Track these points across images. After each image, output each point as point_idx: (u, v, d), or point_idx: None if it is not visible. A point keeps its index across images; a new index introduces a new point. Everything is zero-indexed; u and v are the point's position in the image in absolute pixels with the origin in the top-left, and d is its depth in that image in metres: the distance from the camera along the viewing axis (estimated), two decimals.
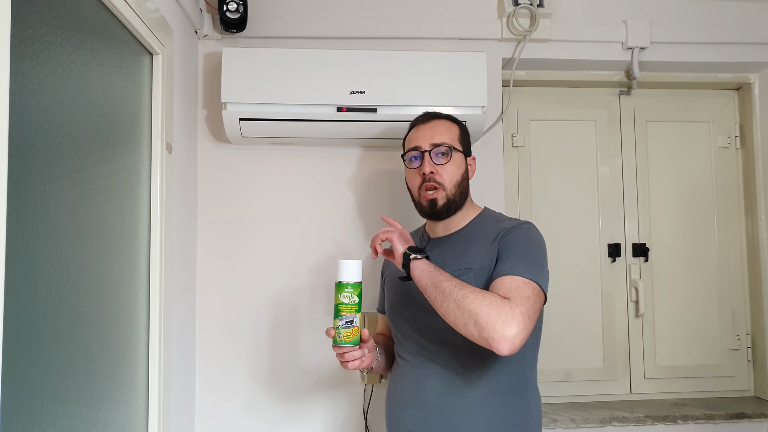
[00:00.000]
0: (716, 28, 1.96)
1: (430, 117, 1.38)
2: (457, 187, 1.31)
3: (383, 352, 1.43)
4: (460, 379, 1.24)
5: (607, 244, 2.07)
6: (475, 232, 1.32)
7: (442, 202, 1.30)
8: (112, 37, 1.20)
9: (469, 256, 1.27)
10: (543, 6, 1.84)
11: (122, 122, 1.25)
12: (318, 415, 1.78)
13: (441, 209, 1.31)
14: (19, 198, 0.83)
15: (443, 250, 1.33)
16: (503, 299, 1.09)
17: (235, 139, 1.71)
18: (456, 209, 1.33)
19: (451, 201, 1.31)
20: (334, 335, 1.22)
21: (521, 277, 1.15)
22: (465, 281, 1.21)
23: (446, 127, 1.35)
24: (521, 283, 1.14)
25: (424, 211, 1.34)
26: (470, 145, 1.41)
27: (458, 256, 1.29)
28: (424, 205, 1.33)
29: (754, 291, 2.10)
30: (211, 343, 1.76)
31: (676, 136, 2.12)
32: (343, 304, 1.20)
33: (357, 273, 1.22)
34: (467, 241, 1.31)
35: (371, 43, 1.83)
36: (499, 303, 1.08)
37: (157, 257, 1.39)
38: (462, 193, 1.33)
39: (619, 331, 2.05)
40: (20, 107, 0.83)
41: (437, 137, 1.32)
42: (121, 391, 1.23)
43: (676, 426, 1.84)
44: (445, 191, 1.30)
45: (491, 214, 1.37)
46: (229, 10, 1.67)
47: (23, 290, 0.84)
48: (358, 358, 1.25)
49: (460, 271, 1.24)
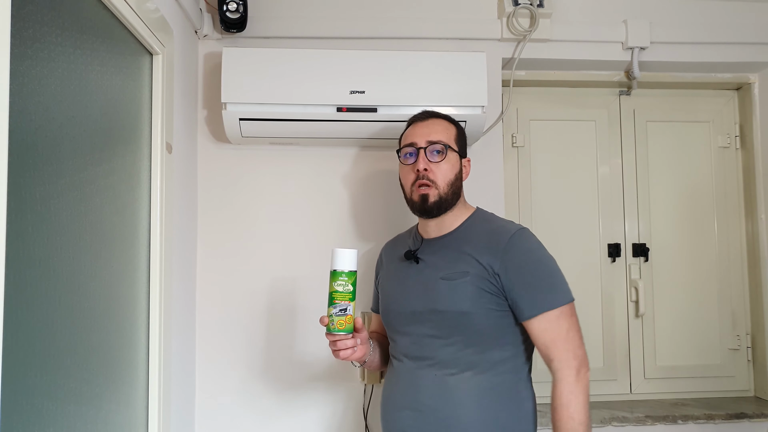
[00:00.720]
0: (716, 28, 1.96)
1: (427, 115, 1.39)
2: (449, 186, 1.32)
3: (377, 347, 1.43)
4: (453, 379, 1.25)
5: (607, 244, 2.07)
6: (468, 234, 1.33)
7: (434, 199, 1.31)
8: (112, 37, 1.20)
9: (464, 261, 1.28)
10: (543, 6, 1.84)
11: (122, 122, 1.25)
12: (318, 416, 1.78)
13: (432, 206, 1.31)
14: (19, 198, 0.82)
15: (437, 251, 1.34)
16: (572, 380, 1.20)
17: (235, 139, 1.71)
18: (447, 208, 1.33)
19: (443, 199, 1.31)
20: (327, 323, 1.22)
21: (551, 312, 1.21)
22: (461, 284, 1.25)
23: (443, 126, 1.36)
24: (555, 319, 1.21)
25: (416, 207, 1.34)
26: (466, 146, 1.42)
27: (453, 259, 1.30)
28: (416, 200, 1.33)
29: (754, 291, 2.10)
30: (211, 343, 1.76)
31: (676, 136, 2.12)
32: (337, 292, 1.21)
33: (352, 262, 1.23)
34: (460, 243, 1.32)
35: (371, 43, 1.83)
36: (579, 390, 1.20)
37: (157, 257, 1.39)
38: (455, 193, 1.33)
39: (619, 331, 2.05)
40: (20, 107, 0.83)
41: (433, 135, 1.33)
42: (121, 391, 1.23)
43: (676, 426, 1.84)
44: (438, 189, 1.31)
45: (484, 216, 1.38)
46: (229, 10, 1.67)
47: (23, 290, 0.84)
48: (350, 347, 1.26)
49: (457, 275, 1.26)
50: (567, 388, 1.19)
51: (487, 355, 1.25)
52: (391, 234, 1.69)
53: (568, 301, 1.24)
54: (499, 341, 1.26)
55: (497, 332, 1.25)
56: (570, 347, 1.21)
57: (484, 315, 1.24)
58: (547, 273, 1.25)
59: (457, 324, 1.25)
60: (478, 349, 1.25)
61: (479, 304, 1.24)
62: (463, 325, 1.24)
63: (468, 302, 1.24)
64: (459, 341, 1.25)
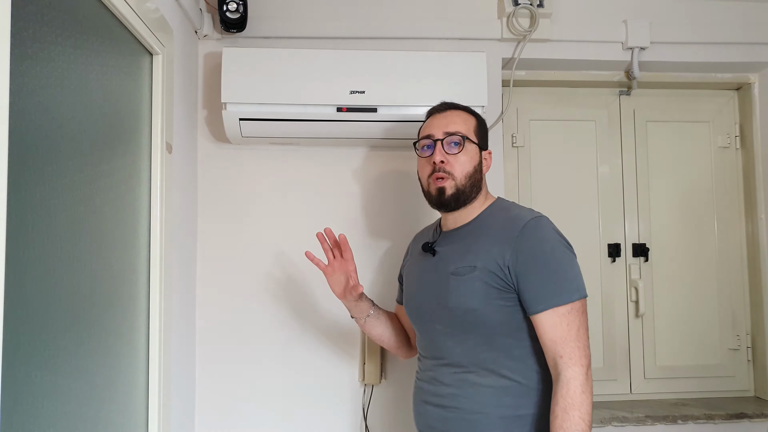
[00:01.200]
0: (716, 28, 1.96)
1: (446, 107, 1.35)
2: (468, 178, 1.27)
3: (384, 318, 1.49)
4: (473, 377, 1.23)
5: (607, 244, 2.07)
6: (482, 226, 1.28)
7: (451, 192, 1.27)
8: (112, 37, 1.20)
9: (473, 253, 1.24)
10: (543, 6, 1.84)
11: (122, 122, 1.25)
12: (318, 415, 1.78)
13: (449, 198, 1.27)
14: (19, 198, 0.82)
15: (451, 243, 1.31)
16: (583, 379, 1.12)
17: (235, 139, 1.71)
18: (466, 201, 1.29)
19: (460, 192, 1.27)
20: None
21: (562, 307, 1.15)
22: (469, 280, 1.21)
23: (462, 117, 1.32)
24: (566, 315, 1.15)
25: (432, 200, 1.31)
26: (487, 138, 1.38)
27: (462, 252, 1.26)
28: (433, 193, 1.29)
29: (754, 291, 2.10)
30: (211, 342, 1.76)
31: (676, 136, 2.12)
32: None
33: None
34: (473, 236, 1.28)
35: (371, 43, 1.83)
36: (590, 390, 1.13)
37: (157, 257, 1.39)
38: (473, 185, 1.29)
39: (619, 331, 2.05)
40: (20, 107, 0.83)
41: (451, 126, 1.29)
42: (121, 391, 1.23)
43: (676, 426, 1.84)
44: (455, 181, 1.27)
45: (503, 205, 1.32)
46: (229, 10, 1.67)
47: (23, 290, 0.84)
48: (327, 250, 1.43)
49: (465, 269, 1.23)
50: (579, 388, 1.11)
51: (504, 352, 1.21)
52: (391, 233, 1.70)
53: (580, 296, 1.17)
54: (515, 336, 1.21)
55: (511, 328, 1.21)
56: (581, 345, 1.14)
57: (494, 311, 1.20)
58: (560, 265, 1.19)
59: (466, 322, 1.22)
60: (492, 347, 1.21)
61: (487, 301, 1.20)
62: (472, 323, 1.21)
63: (475, 299, 1.20)
64: (470, 340, 1.22)
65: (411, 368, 1.79)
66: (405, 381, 1.79)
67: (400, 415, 1.78)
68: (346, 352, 1.79)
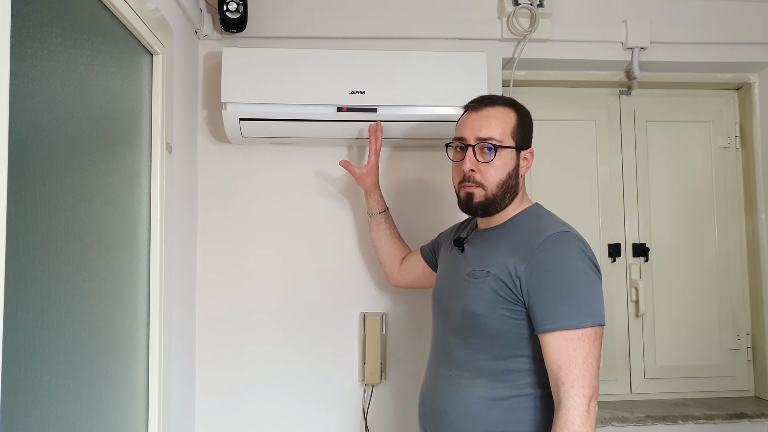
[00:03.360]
0: (716, 28, 1.96)
1: (483, 103, 1.25)
2: (500, 186, 1.22)
3: (388, 230, 1.63)
4: (466, 383, 1.21)
5: (607, 244, 2.07)
6: (509, 231, 1.24)
7: (479, 200, 1.22)
8: (112, 37, 1.20)
9: (491, 258, 1.20)
10: (543, 6, 1.84)
11: (122, 122, 1.25)
12: (318, 415, 1.78)
13: (476, 206, 1.23)
14: (19, 198, 0.82)
15: (477, 244, 1.29)
16: (584, 410, 1.05)
17: (235, 139, 1.71)
18: (497, 210, 1.24)
19: (490, 201, 1.22)
20: None
21: (568, 331, 1.07)
22: (480, 284, 1.19)
23: (499, 118, 1.23)
24: (575, 340, 1.07)
25: (461, 204, 1.27)
26: (531, 135, 1.29)
27: (483, 255, 1.23)
28: (462, 197, 1.26)
29: (754, 291, 2.10)
30: (211, 342, 1.76)
31: (676, 136, 2.12)
32: None
33: None
34: (498, 240, 1.24)
35: (371, 43, 1.83)
36: (591, 423, 1.05)
37: (157, 257, 1.39)
38: (506, 192, 1.23)
39: (619, 331, 2.05)
40: (20, 107, 0.83)
41: (485, 130, 1.21)
42: (121, 391, 1.22)
43: (676, 426, 1.84)
44: (485, 191, 1.22)
45: (537, 213, 1.26)
46: (229, 10, 1.67)
47: (23, 290, 0.84)
48: None
49: (480, 273, 1.20)
50: (579, 420, 1.04)
51: (501, 364, 1.17)
52: None
53: (594, 323, 1.08)
54: (515, 352, 1.16)
55: (512, 341, 1.16)
56: (587, 374, 1.06)
57: (497, 320, 1.16)
58: (578, 286, 1.10)
59: (469, 325, 1.20)
60: (490, 356, 1.18)
61: (492, 308, 1.16)
62: (475, 327, 1.19)
63: (481, 304, 1.17)
64: (472, 344, 1.20)
65: (411, 368, 1.79)
66: (405, 381, 1.79)
67: (400, 415, 1.78)
68: (346, 352, 1.79)
